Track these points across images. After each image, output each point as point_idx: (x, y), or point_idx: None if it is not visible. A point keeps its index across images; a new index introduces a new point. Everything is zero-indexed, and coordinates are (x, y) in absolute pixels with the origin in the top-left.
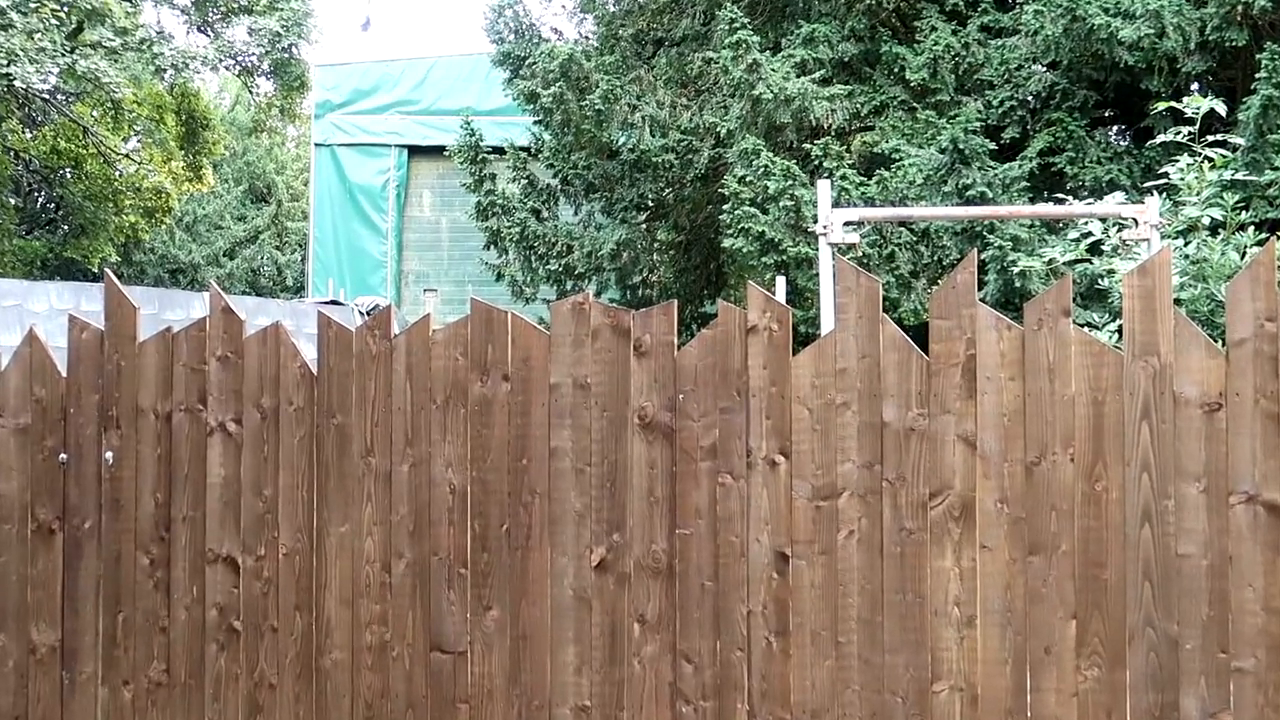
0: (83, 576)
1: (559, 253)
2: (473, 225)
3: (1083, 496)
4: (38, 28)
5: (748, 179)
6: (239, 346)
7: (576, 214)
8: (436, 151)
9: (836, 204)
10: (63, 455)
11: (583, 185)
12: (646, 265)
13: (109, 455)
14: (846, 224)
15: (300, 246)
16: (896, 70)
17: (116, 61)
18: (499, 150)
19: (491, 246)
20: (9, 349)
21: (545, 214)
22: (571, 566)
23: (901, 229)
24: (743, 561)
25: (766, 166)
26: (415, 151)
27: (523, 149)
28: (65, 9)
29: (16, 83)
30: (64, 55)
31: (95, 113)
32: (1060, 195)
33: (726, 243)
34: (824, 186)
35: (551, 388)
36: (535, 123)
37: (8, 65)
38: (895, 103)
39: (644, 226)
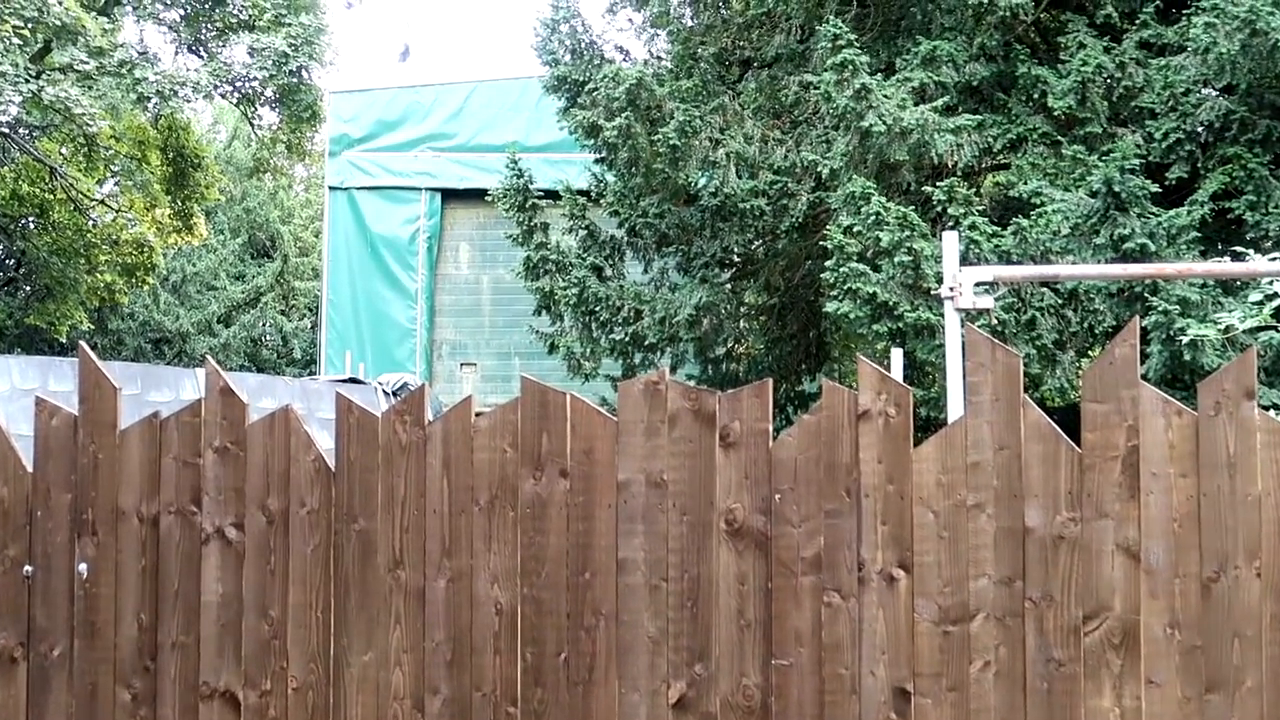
0: (51, 716)
1: (625, 319)
2: (520, 285)
3: (1272, 619)
4: None
5: (855, 229)
6: (240, 436)
7: (646, 272)
8: (476, 196)
9: (965, 260)
10: (28, 568)
11: (654, 237)
12: (732, 334)
13: (83, 567)
14: (978, 285)
15: (311, 311)
16: (1036, 96)
17: (90, 88)
18: (552, 194)
19: (543, 311)
20: None
21: (609, 272)
22: (644, 705)
23: (1044, 289)
24: (854, 699)
25: (878, 214)
26: (450, 196)
27: (581, 193)
28: (29, 25)
29: None
30: (27, 81)
31: (64, 150)
32: (1239, 249)
33: (829, 306)
34: (950, 239)
35: (620, 486)
36: (596, 161)
37: None
38: (1035, 135)
39: (729, 287)
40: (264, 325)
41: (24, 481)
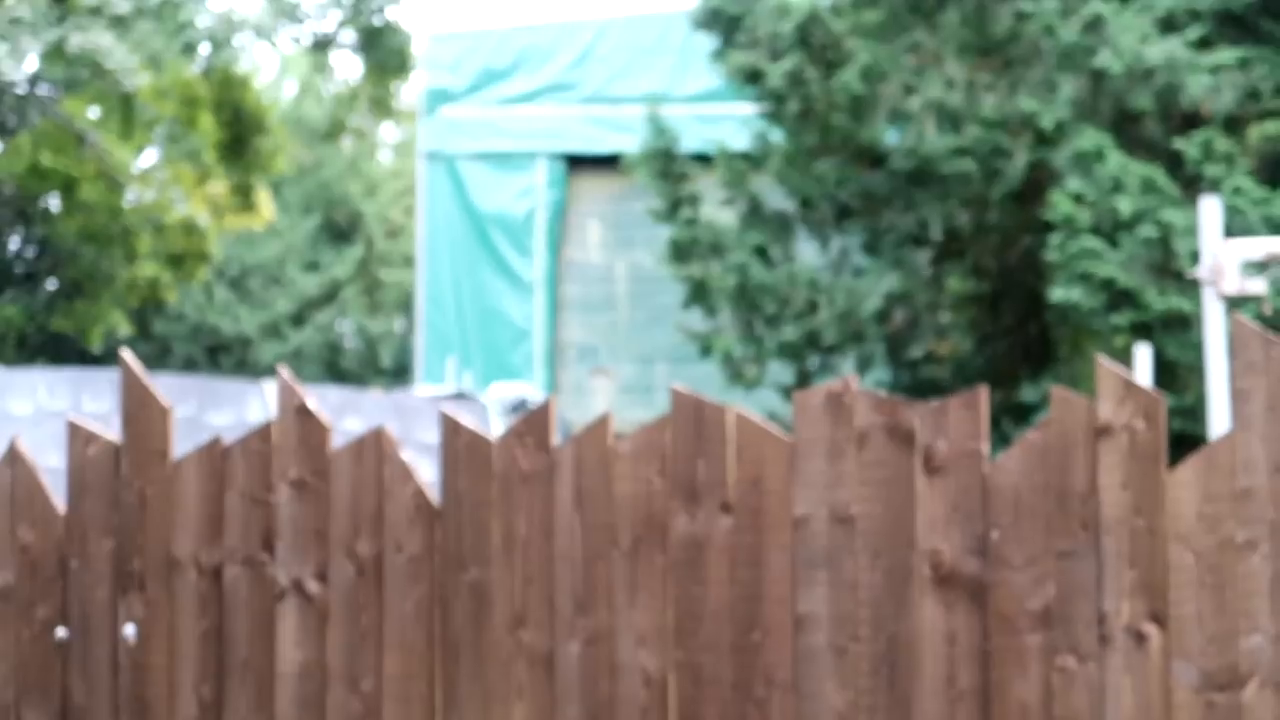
0: None
1: (797, 313)
2: (664, 273)
3: None
4: None
5: (1087, 196)
6: (322, 465)
7: (823, 253)
8: (608, 162)
9: (1228, 232)
10: (61, 631)
11: (833, 209)
12: (931, 330)
13: (130, 630)
14: (1246, 264)
15: (403, 309)
16: None
17: (126, 35)
18: (703, 158)
19: (695, 305)
20: None
21: (776, 254)
22: None
23: None
24: None
25: (1116, 176)
26: (576, 162)
27: (741, 156)
28: None
29: None
30: (49, 27)
31: (95, 112)
32: None
33: (1055, 294)
34: (1209, 206)
35: (796, 523)
36: (759, 115)
37: None
38: None
39: (927, 271)
40: (344, 326)
41: (55, 525)
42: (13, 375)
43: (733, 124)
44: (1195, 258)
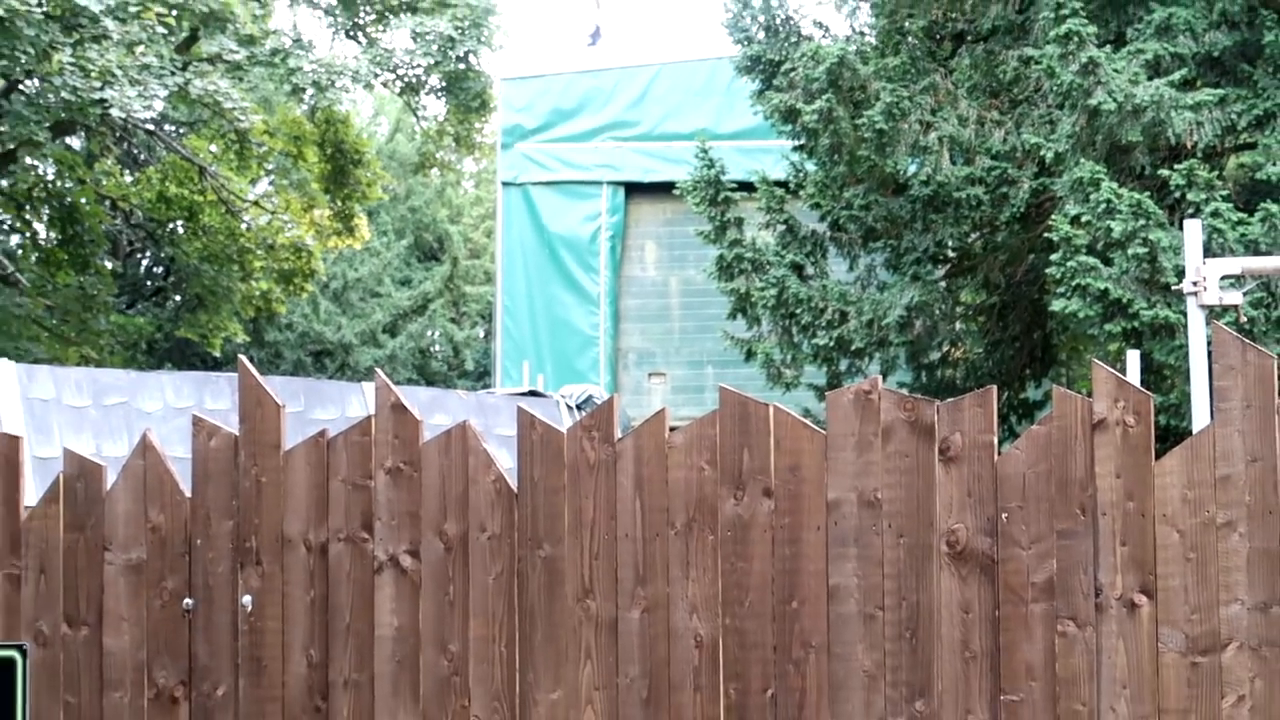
0: None
1: (829, 322)
2: (712, 287)
3: None
4: (140, 39)
5: (1084, 218)
6: (414, 455)
7: (852, 270)
8: (662, 190)
9: (1207, 251)
10: (187, 600)
11: (860, 231)
12: (947, 336)
13: (247, 600)
14: (1224, 278)
15: (483, 319)
16: None
17: (241, 80)
18: (747, 186)
19: (739, 315)
20: (116, 461)
21: (810, 270)
22: None
23: None
24: None
25: (1109, 201)
26: (634, 190)
27: (779, 184)
28: (174, 13)
29: (114, 111)
30: (173, 74)
31: (214, 148)
32: None
33: (1056, 305)
34: (1192, 228)
35: (829, 506)
36: (795, 149)
37: (102, 88)
38: None
39: (943, 285)
40: (433, 334)
41: (182, 508)
42: (144, 377)
43: (772, 156)
44: (1180, 273)
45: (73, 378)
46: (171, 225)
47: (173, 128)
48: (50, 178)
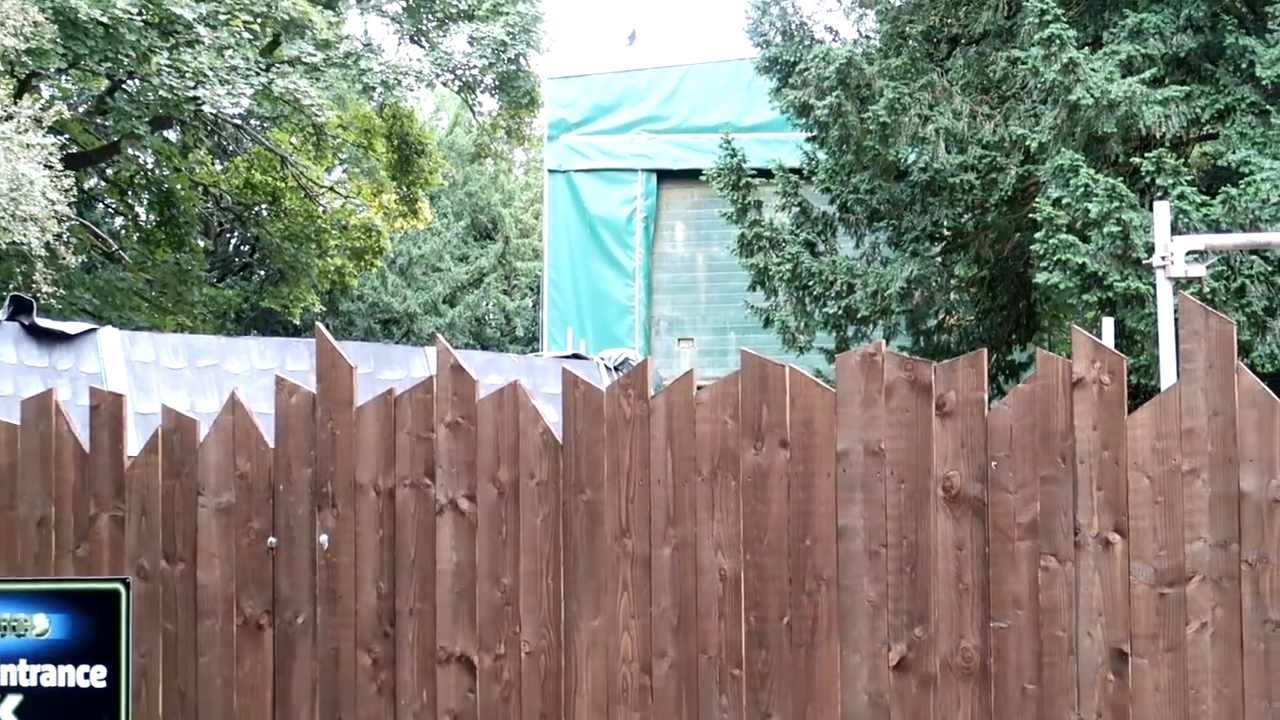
0: (296, 679)
1: (838, 293)
2: (734, 262)
3: None
4: (228, 43)
5: (1064, 201)
6: (471, 411)
7: (858, 247)
8: (690, 176)
9: (1175, 229)
10: (271, 539)
11: (865, 212)
12: (943, 306)
13: (324, 538)
14: (1189, 253)
15: (532, 290)
16: (1244, 66)
17: (318, 80)
18: (765, 173)
19: (758, 287)
20: (207, 417)
21: (821, 247)
22: (865, 666)
23: (1254, 257)
24: (1071, 660)
25: (1087, 185)
26: (665, 176)
27: (793, 171)
28: (259, 20)
29: (205, 107)
30: (258, 74)
31: (294, 140)
32: None
33: (1039, 278)
34: (1161, 208)
35: (838, 455)
36: (808, 139)
37: (195, 87)
38: (1243, 105)
39: (939, 260)
40: (487, 305)
41: (266, 457)
42: (232, 342)
43: (787, 146)
44: (1149, 249)
45: (170, 343)
46: (256, 208)
47: (257, 122)
48: (149, 167)
